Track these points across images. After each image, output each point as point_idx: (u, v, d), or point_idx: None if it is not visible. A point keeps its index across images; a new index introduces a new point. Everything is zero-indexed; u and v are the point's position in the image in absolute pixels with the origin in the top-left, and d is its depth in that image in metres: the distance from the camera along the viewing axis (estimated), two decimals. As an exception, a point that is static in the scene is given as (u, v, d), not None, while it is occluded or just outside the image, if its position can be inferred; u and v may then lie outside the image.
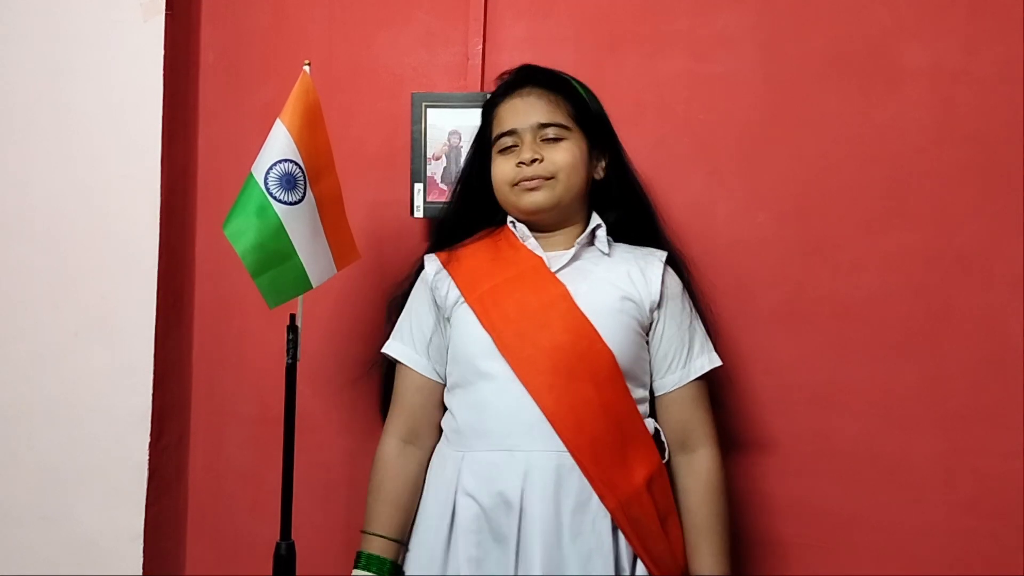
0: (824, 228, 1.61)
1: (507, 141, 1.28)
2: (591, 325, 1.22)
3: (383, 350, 1.35)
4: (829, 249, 1.60)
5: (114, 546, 1.60)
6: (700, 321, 1.34)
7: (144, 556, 1.60)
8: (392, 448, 1.33)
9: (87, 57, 1.62)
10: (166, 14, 1.61)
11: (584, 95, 1.33)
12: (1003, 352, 1.57)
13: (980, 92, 1.57)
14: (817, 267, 1.61)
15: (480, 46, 1.65)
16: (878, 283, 1.59)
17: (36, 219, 1.63)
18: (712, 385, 1.60)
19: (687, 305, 1.32)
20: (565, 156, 1.27)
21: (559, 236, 1.32)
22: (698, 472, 1.28)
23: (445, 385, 1.33)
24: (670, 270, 1.33)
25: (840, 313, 1.60)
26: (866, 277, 1.59)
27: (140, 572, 1.60)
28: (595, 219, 1.32)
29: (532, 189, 1.26)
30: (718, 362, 1.32)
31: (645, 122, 1.64)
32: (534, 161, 1.25)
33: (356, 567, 1.28)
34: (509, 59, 1.66)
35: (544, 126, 1.27)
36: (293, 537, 1.36)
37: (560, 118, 1.28)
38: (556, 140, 1.27)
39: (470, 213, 1.37)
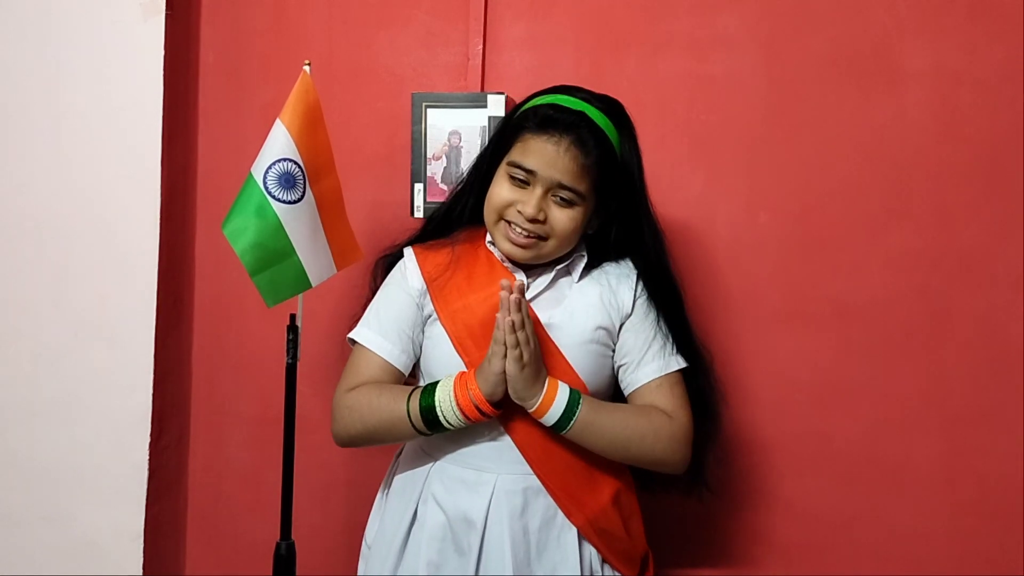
0: (825, 229, 1.60)
1: (520, 174, 1.19)
2: (563, 356, 1.21)
3: (351, 335, 1.29)
4: (830, 250, 1.60)
5: (114, 546, 1.61)
6: (665, 328, 1.27)
7: (144, 556, 1.60)
8: (350, 389, 1.25)
9: (87, 57, 1.62)
10: (166, 14, 1.61)
11: (623, 167, 1.23)
12: (1004, 353, 1.57)
13: (981, 93, 1.57)
14: (818, 268, 1.60)
15: (480, 46, 1.65)
16: (879, 284, 1.59)
17: (36, 219, 1.63)
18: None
19: (651, 314, 1.27)
20: (566, 224, 1.19)
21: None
22: (650, 407, 1.23)
23: (405, 376, 1.29)
24: (640, 284, 1.29)
25: (841, 314, 1.60)
26: (867, 278, 1.59)
27: (140, 572, 1.60)
28: (581, 248, 1.28)
29: (515, 243, 1.20)
30: (676, 366, 1.25)
31: (645, 122, 1.62)
32: (535, 221, 1.18)
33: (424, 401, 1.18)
34: (509, 59, 1.66)
35: (562, 187, 1.18)
36: (293, 537, 1.36)
37: (582, 186, 1.18)
38: (565, 204, 1.19)
39: (468, 206, 1.31)
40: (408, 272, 1.29)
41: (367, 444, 1.26)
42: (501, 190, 1.21)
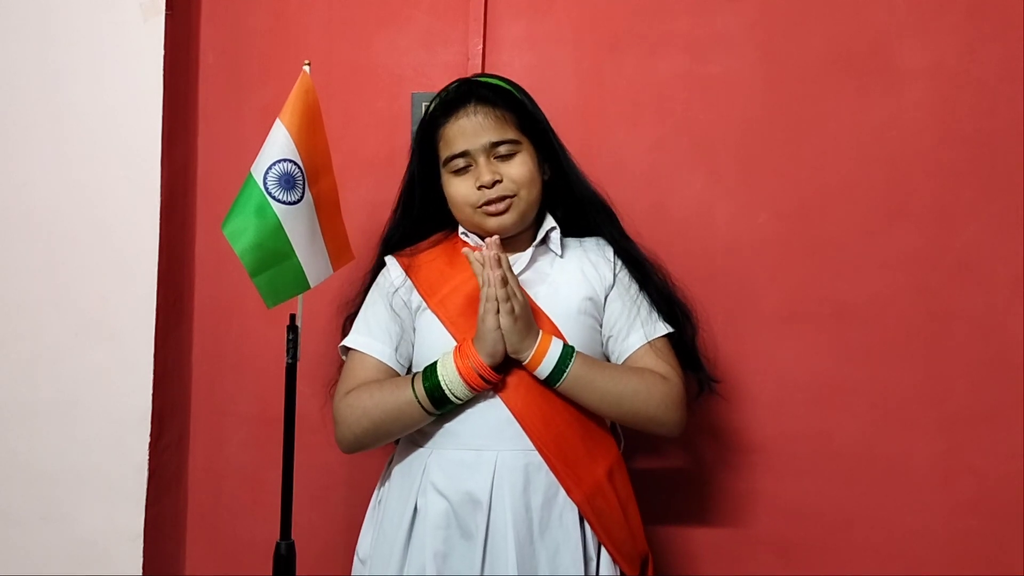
0: (824, 228, 1.61)
1: (460, 163, 1.27)
2: (554, 326, 1.24)
3: (344, 343, 1.32)
4: (829, 250, 1.60)
5: (114, 546, 1.61)
6: (646, 297, 1.32)
7: (144, 556, 1.60)
8: (348, 392, 1.27)
9: (87, 58, 1.62)
10: (166, 14, 1.61)
11: (524, 101, 1.32)
12: (1003, 353, 1.57)
13: (980, 92, 1.57)
14: (817, 268, 1.60)
15: (480, 46, 1.66)
16: (878, 284, 1.59)
17: (36, 220, 1.63)
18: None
19: (632, 284, 1.32)
20: (522, 171, 1.26)
21: (512, 240, 1.31)
22: (644, 368, 1.25)
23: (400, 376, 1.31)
24: (617, 258, 1.34)
25: (840, 313, 1.60)
26: (866, 278, 1.59)
27: (140, 572, 1.60)
28: (549, 221, 1.32)
29: (498, 213, 1.26)
30: (663, 331, 1.29)
31: (644, 122, 1.64)
32: (495, 183, 1.24)
33: (427, 383, 1.21)
34: (509, 59, 1.66)
35: (496, 144, 1.26)
36: (293, 537, 1.36)
37: (510, 133, 1.27)
38: (509, 156, 1.27)
39: (418, 225, 1.37)
40: (390, 272, 1.34)
41: (373, 442, 1.27)
42: (456, 188, 1.28)
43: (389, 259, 1.35)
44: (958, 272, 1.58)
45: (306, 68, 1.30)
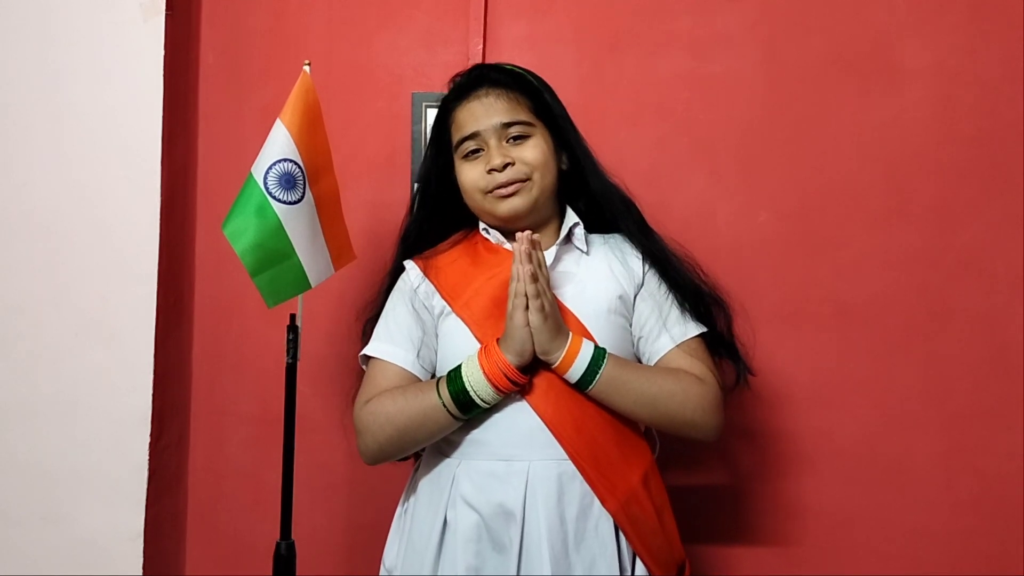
0: (825, 228, 1.61)
1: (471, 145, 1.23)
2: (583, 327, 1.19)
3: (365, 352, 1.27)
4: (830, 249, 1.60)
5: (114, 546, 1.60)
6: (676, 294, 1.26)
7: (144, 556, 1.60)
8: (371, 399, 1.22)
9: (87, 58, 1.62)
10: (166, 14, 1.61)
11: (541, 88, 1.28)
12: (1004, 352, 1.57)
13: (981, 92, 1.58)
14: (818, 267, 1.61)
15: (480, 46, 1.66)
16: (879, 283, 1.59)
17: (36, 219, 1.63)
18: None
19: (663, 283, 1.27)
20: (535, 154, 1.22)
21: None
22: (679, 369, 1.20)
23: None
24: (645, 255, 1.29)
25: (841, 313, 1.60)
26: (867, 277, 1.59)
27: (140, 572, 1.60)
28: (571, 216, 1.28)
29: (509, 196, 1.21)
30: (695, 331, 1.24)
31: (645, 122, 1.64)
32: (506, 166, 1.20)
33: (451, 387, 1.16)
34: (509, 59, 1.65)
35: (507, 126, 1.22)
36: (293, 537, 1.36)
37: (522, 115, 1.23)
38: (522, 138, 1.22)
39: (435, 220, 1.32)
40: (410, 277, 1.29)
41: (398, 451, 1.22)
42: (468, 172, 1.24)
43: (408, 263, 1.30)
44: (959, 271, 1.58)
45: (306, 68, 1.30)
